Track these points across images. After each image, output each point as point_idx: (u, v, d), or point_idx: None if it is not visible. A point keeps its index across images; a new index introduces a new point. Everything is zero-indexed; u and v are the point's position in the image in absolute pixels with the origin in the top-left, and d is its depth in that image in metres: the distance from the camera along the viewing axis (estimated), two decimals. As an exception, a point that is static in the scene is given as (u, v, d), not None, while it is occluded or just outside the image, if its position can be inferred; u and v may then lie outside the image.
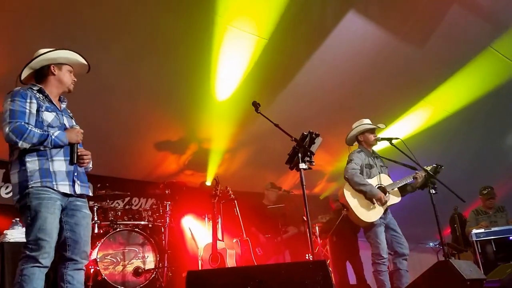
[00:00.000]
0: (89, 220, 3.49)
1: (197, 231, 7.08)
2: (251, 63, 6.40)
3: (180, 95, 6.65)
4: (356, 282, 7.49)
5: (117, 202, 6.68)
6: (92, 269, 5.52)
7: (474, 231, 7.10)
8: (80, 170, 3.48)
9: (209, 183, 7.86)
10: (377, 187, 5.14)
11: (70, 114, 3.64)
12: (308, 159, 4.01)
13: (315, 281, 2.93)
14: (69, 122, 3.53)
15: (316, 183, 9.72)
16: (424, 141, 7.85)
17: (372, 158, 5.36)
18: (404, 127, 8.02)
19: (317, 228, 7.98)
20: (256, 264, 5.95)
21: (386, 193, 5.16)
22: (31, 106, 3.28)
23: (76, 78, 3.64)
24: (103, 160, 6.65)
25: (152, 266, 5.92)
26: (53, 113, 3.40)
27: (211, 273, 3.72)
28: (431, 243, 10.32)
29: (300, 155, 3.99)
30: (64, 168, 3.33)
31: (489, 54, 7.10)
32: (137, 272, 5.80)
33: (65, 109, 3.61)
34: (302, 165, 3.96)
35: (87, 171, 3.61)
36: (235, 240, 6.38)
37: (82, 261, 3.35)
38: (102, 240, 5.70)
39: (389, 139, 5.26)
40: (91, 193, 3.61)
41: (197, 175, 8.21)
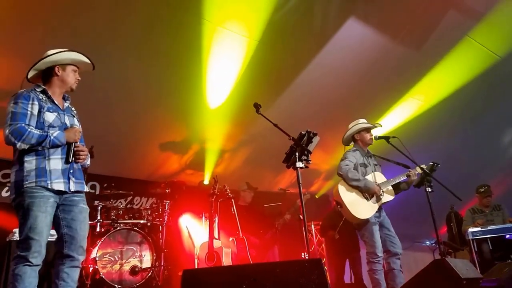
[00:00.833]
0: (86, 214, 3.54)
1: (194, 230, 7.09)
2: (245, 64, 6.41)
3: (180, 98, 6.69)
4: (352, 281, 7.47)
5: (120, 201, 6.73)
6: (91, 268, 5.54)
7: (471, 229, 7.09)
8: (76, 167, 3.55)
9: (207, 182, 7.89)
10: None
11: (73, 113, 3.74)
12: (305, 158, 4.02)
13: (310, 280, 2.92)
14: (70, 120, 3.62)
15: (313, 182, 9.74)
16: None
17: (366, 157, 5.37)
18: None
19: (313, 226, 7.96)
20: (251, 262, 5.95)
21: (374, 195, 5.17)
22: (33, 108, 3.39)
23: (84, 76, 3.74)
24: (109, 161, 6.77)
25: (149, 265, 5.93)
26: (55, 113, 3.49)
27: (207, 271, 3.70)
28: (427, 242, 10.28)
29: (297, 154, 4.00)
30: (60, 166, 3.40)
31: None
32: (134, 271, 5.83)
33: (68, 108, 3.71)
34: (299, 164, 3.97)
35: (84, 167, 3.69)
36: (231, 239, 6.38)
37: (79, 258, 3.40)
38: (103, 239, 5.74)
39: (386, 138, 5.26)
40: (86, 189, 3.65)
41: (197, 174, 8.25)
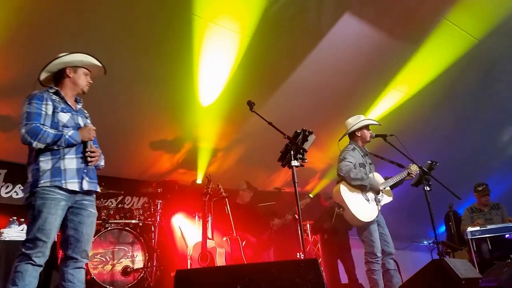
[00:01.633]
0: (94, 219, 3.62)
1: (187, 230, 7.04)
2: (237, 61, 6.35)
3: (171, 97, 6.62)
4: (347, 281, 7.44)
5: (111, 201, 6.78)
6: (82, 269, 5.46)
7: (469, 229, 7.03)
8: (90, 167, 3.61)
9: (200, 181, 7.82)
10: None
11: (86, 114, 3.84)
12: (301, 156, 3.98)
13: (307, 280, 2.87)
14: (84, 121, 3.71)
15: (308, 181, 9.67)
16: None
17: (364, 156, 5.29)
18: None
19: (308, 225, 7.91)
20: (246, 262, 5.92)
21: (380, 192, 5.13)
22: (47, 108, 3.47)
23: (93, 80, 3.81)
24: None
25: (141, 265, 5.90)
26: (68, 113, 3.58)
27: (200, 272, 3.61)
28: (425, 241, 10.32)
29: (292, 152, 3.96)
30: (75, 166, 3.48)
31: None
32: (125, 271, 5.79)
33: (81, 110, 3.80)
34: (294, 163, 3.94)
35: (98, 168, 3.76)
36: (225, 239, 6.35)
37: (83, 260, 3.47)
38: (93, 239, 5.60)
39: (384, 136, 5.17)
40: (99, 189, 3.75)
41: (189, 173, 8.15)
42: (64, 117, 3.51)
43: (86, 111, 3.87)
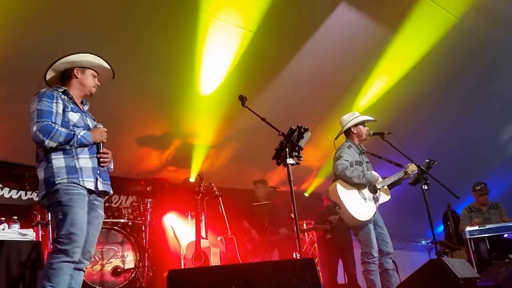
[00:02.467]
0: (101, 221, 3.58)
1: (180, 229, 6.97)
2: (237, 56, 6.31)
3: (164, 89, 6.49)
4: (345, 282, 7.42)
5: None
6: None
7: (468, 228, 7.06)
8: (103, 168, 3.59)
9: (193, 179, 7.73)
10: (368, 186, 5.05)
11: (92, 117, 3.79)
12: (296, 154, 3.91)
13: (303, 280, 2.86)
14: (92, 123, 3.66)
15: (304, 179, 9.58)
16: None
17: (360, 154, 5.21)
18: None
19: (305, 225, 7.84)
20: (241, 262, 5.88)
21: (377, 191, 5.07)
22: (58, 106, 3.40)
23: (101, 83, 3.76)
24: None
25: (132, 266, 5.81)
26: (78, 113, 3.53)
27: (194, 272, 3.67)
28: (423, 241, 10.34)
29: (287, 150, 3.89)
30: (90, 165, 3.44)
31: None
32: (116, 271, 5.69)
33: (88, 112, 3.76)
34: (290, 160, 3.87)
35: (109, 171, 3.72)
36: (219, 238, 6.33)
37: (85, 262, 3.41)
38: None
39: (381, 134, 5.10)
40: (111, 191, 3.69)
41: (180, 171, 8.03)
42: (74, 116, 3.46)
43: (91, 114, 3.81)
